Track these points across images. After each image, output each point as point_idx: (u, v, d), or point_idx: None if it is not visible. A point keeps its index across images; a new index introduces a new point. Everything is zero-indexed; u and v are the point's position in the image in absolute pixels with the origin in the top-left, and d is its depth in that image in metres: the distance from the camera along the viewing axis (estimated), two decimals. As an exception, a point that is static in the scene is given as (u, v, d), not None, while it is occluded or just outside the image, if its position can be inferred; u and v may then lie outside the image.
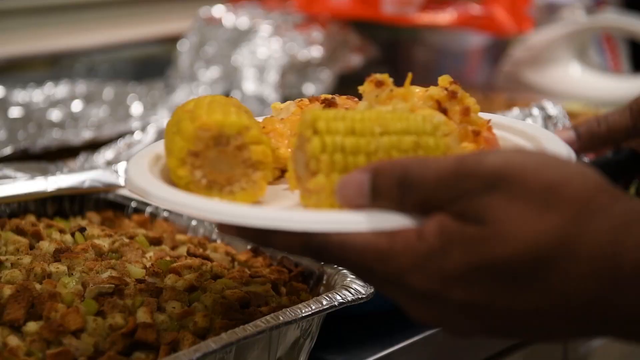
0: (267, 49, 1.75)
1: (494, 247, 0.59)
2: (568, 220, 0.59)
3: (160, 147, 0.79)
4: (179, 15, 2.11)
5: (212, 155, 0.73)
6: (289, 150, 0.80)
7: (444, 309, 0.62)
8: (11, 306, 0.80)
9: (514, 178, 0.60)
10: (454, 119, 0.77)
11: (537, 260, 0.59)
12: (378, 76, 0.78)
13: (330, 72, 1.81)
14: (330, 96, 0.84)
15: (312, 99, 0.85)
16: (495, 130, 0.79)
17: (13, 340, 0.77)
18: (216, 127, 0.73)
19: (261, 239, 0.67)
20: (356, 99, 0.83)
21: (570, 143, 1.13)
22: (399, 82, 0.79)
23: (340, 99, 0.83)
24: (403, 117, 0.69)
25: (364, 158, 0.67)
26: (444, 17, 1.89)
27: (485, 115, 0.80)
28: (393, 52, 2.07)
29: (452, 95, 0.78)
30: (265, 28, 1.80)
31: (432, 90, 0.79)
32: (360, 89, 0.79)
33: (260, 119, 0.84)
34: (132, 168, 0.75)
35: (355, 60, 1.87)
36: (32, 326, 0.79)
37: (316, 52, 1.78)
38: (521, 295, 0.60)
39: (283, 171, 0.81)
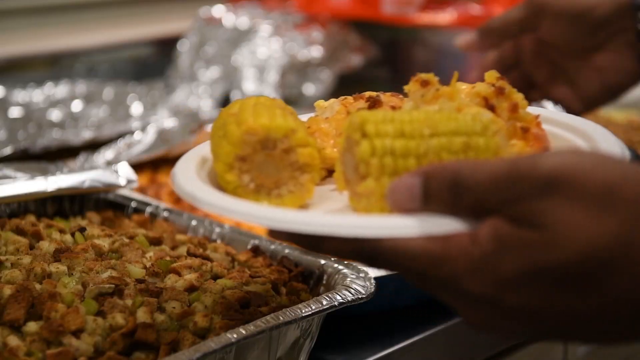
0: (267, 49, 1.75)
1: (551, 251, 0.59)
2: (626, 223, 0.58)
3: (206, 149, 0.79)
4: (179, 15, 2.11)
5: (259, 159, 0.73)
6: (335, 150, 0.79)
7: (498, 313, 0.62)
8: (11, 306, 0.80)
9: (569, 181, 0.59)
10: (501, 115, 0.76)
11: (596, 264, 0.58)
12: (423, 76, 0.77)
13: (330, 72, 1.81)
14: (375, 94, 0.82)
15: (356, 97, 0.83)
16: (544, 126, 0.78)
17: (13, 340, 0.77)
18: (263, 131, 0.72)
19: (312, 244, 0.67)
20: (401, 96, 0.82)
21: (470, 43, 1.22)
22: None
23: (385, 97, 0.82)
24: (452, 117, 0.68)
25: (413, 161, 0.66)
26: (444, 17, 1.89)
27: (533, 110, 0.78)
28: (393, 52, 2.07)
29: (500, 92, 0.77)
30: (265, 28, 1.80)
31: (479, 87, 0.77)
32: (406, 88, 0.78)
33: (304, 118, 0.83)
34: (179, 172, 0.75)
35: (355, 60, 1.87)
36: (32, 326, 0.79)
37: (316, 52, 1.78)
38: (579, 299, 0.59)
39: (329, 171, 0.80)
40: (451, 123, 0.67)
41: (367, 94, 0.83)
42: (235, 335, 0.77)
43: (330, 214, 0.72)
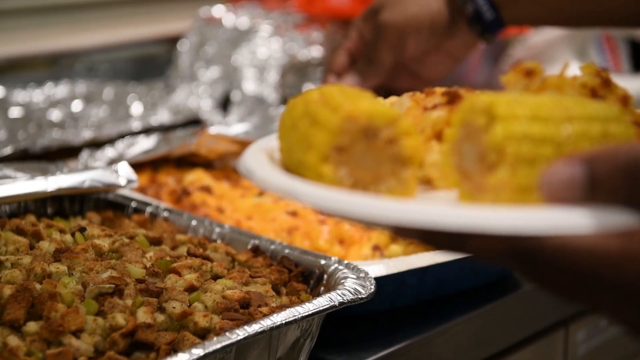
0: (267, 49, 1.75)
1: None
2: None
3: (265, 144, 0.70)
4: (179, 15, 2.11)
5: (358, 150, 0.64)
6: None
7: None
8: (11, 306, 0.80)
9: None
10: None
11: None
12: (527, 64, 0.70)
13: (330, 72, 1.80)
14: (452, 89, 0.74)
15: (427, 92, 0.75)
16: None
17: (13, 340, 0.77)
18: (365, 117, 0.63)
19: (452, 242, 0.57)
20: (478, 92, 0.72)
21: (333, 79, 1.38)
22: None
23: (463, 92, 0.74)
24: (583, 102, 0.60)
25: (551, 149, 0.57)
26: (444, 17, 1.89)
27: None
28: (393, 52, 2.07)
29: (606, 83, 0.70)
30: (265, 28, 1.80)
31: (585, 78, 0.70)
32: (504, 79, 0.71)
33: None
34: (256, 166, 0.65)
35: (355, 60, 1.86)
36: (32, 326, 0.79)
37: (316, 52, 1.78)
38: None
39: None
40: (585, 108, 0.59)
41: (439, 89, 0.75)
42: (235, 336, 0.77)
43: (474, 206, 0.58)
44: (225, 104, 1.70)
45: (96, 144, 1.45)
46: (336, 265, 0.93)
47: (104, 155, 1.37)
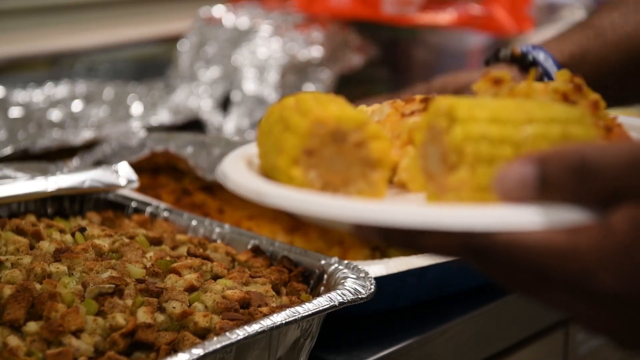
0: (267, 49, 1.75)
1: None
2: None
3: (246, 151, 0.73)
4: (179, 15, 2.11)
5: (327, 154, 0.66)
6: (394, 152, 0.73)
7: (639, 319, 0.54)
8: (11, 306, 0.80)
9: None
10: None
11: None
12: (495, 73, 0.72)
13: (330, 72, 1.80)
14: (429, 95, 0.77)
15: (407, 100, 0.78)
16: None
17: (13, 340, 0.77)
18: (333, 122, 0.65)
19: (408, 240, 0.58)
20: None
21: None
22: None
23: (440, 98, 0.73)
24: (545, 105, 0.62)
25: (509, 149, 0.59)
26: (444, 17, 1.89)
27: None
28: (393, 52, 2.07)
29: (578, 89, 0.72)
30: (265, 28, 1.80)
31: (557, 83, 0.72)
32: (475, 87, 0.73)
33: None
34: (231, 171, 0.68)
35: (355, 60, 1.87)
36: (32, 326, 0.79)
37: (316, 52, 1.78)
38: None
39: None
40: (546, 110, 0.61)
41: (418, 96, 0.77)
42: (235, 335, 0.77)
43: (430, 205, 0.62)
44: (225, 104, 1.70)
45: (96, 144, 1.45)
46: (336, 265, 0.93)
47: (103, 155, 1.37)
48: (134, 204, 1.12)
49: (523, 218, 0.55)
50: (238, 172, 0.68)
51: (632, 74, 0.77)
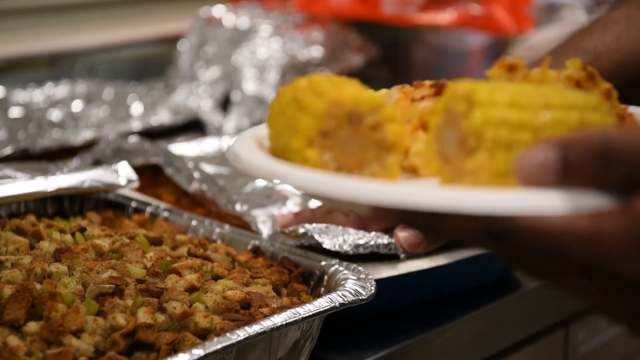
0: (267, 49, 1.75)
1: None
2: None
3: (255, 132, 0.71)
4: (179, 15, 2.11)
5: (343, 135, 0.65)
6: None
7: None
8: (11, 306, 0.80)
9: None
10: None
11: None
12: (510, 59, 0.71)
13: (330, 72, 1.80)
14: (440, 81, 0.76)
15: (416, 85, 0.77)
16: None
17: (13, 340, 0.77)
18: (350, 103, 0.64)
19: (428, 222, 0.58)
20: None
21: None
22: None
23: (451, 84, 0.72)
24: (562, 91, 0.62)
25: (528, 135, 0.58)
26: (444, 17, 1.89)
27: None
28: (393, 52, 2.07)
29: (591, 77, 0.72)
30: (265, 28, 1.80)
31: (570, 71, 0.73)
32: (489, 73, 0.73)
33: None
34: (244, 150, 0.66)
35: (355, 60, 1.87)
36: (32, 326, 0.79)
37: (316, 52, 1.78)
38: None
39: None
40: (564, 96, 0.61)
41: (427, 82, 0.77)
42: (235, 336, 0.77)
43: (449, 189, 0.61)
44: (225, 104, 1.70)
45: (96, 144, 1.45)
46: (337, 266, 0.93)
47: (103, 155, 1.37)
48: (134, 204, 1.12)
49: (546, 202, 0.54)
50: (251, 152, 0.66)
51: (629, 97, 0.78)
